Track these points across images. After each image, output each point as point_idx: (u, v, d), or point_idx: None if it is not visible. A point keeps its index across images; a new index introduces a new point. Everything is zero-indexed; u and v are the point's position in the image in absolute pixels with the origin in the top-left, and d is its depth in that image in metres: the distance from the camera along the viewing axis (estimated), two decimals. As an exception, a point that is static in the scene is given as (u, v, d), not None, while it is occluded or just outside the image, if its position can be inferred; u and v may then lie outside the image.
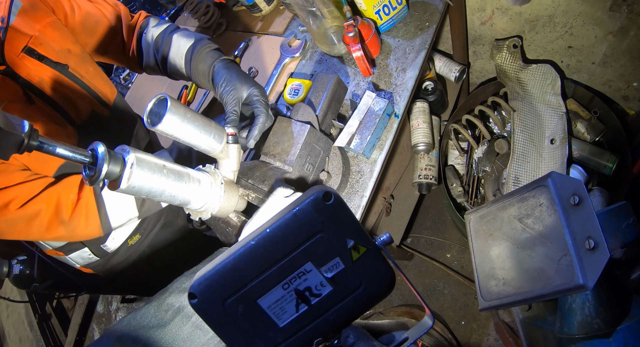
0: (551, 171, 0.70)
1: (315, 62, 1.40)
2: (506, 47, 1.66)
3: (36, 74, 1.05)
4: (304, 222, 0.48)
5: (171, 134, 0.81)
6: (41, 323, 3.36)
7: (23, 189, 0.99)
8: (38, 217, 1.00)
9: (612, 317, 0.72)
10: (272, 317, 0.50)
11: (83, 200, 1.04)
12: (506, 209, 0.74)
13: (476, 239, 0.79)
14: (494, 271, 0.73)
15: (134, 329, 0.68)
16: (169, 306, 0.72)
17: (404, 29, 1.33)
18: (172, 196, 0.79)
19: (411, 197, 1.82)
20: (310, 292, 0.50)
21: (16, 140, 0.62)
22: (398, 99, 1.20)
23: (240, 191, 0.95)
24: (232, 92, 0.97)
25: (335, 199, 0.48)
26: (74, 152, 0.68)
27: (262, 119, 0.98)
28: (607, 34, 1.48)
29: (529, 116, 1.62)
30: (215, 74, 1.02)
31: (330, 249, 0.49)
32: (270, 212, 0.84)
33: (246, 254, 0.48)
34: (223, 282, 0.49)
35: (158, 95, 0.80)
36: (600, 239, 0.63)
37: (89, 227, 1.06)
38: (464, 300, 1.94)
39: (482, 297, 0.73)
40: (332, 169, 1.10)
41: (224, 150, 0.90)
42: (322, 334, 0.51)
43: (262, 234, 0.48)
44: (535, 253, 0.67)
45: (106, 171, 0.68)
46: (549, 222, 0.67)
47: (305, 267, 0.49)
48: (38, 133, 0.65)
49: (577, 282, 0.59)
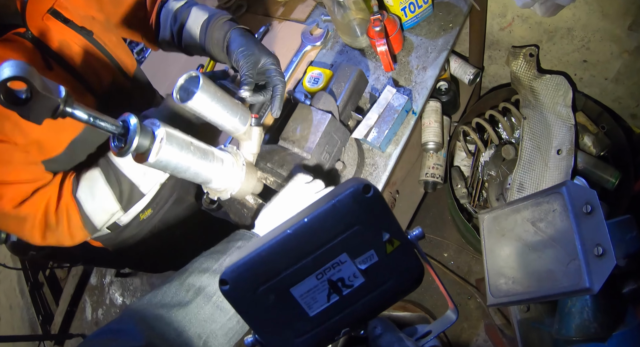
0: (567, 180, 0.72)
1: (336, 53, 1.41)
2: (522, 55, 1.68)
3: (58, 39, 1.03)
4: (343, 214, 0.48)
5: (199, 112, 0.82)
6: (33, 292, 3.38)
7: (18, 190, 0.97)
8: (28, 221, 0.99)
9: (608, 322, 0.75)
10: (303, 306, 0.50)
11: (63, 200, 1.01)
12: (520, 211, 0.77)
13: (488, 238, 0.81)
14: (504, 269, 0.76)
15: (155, 308, 0.68)
16: (189, 285, 0.72)
17: (427, 28, 1.34)
18: (196, 173, 0.80)
19: (416, 194, 1.85)
20: (342, 283, 0.50)
21: (52, 104, 0.61)
22: (417, 97, 1.22)
23: (258, 174, 0.97)
24: (249, 56, 0.96)
25: (374, 192, 0.48)
26: (106, 122, 0.68)
27: (280, 88, 0.97)
28: (623, 52, 1.50)
29: (538, 125, 1.64)
30: (231, 41, 1.01)
31: (366, 241, 0.49)
32: (289, 197, 0.85)
33: (282, 243, 0.48)
34: (257, 270, 0.48)
35: (189, 72, 0.80)
36: (609, 247, 0.65)
37: (72, 231, 1.03)
38: (457, 299, 1.98)
39: (491, 294, 0.76)
40: (348, 160, 1.12)
41: (247, 132, 0.92)
42: (350, 325, 0.52)
43: (299, 223, 0.48)
44: (545, 255, 0.70)
45: (137, 144, 0.68)
46: (561, 227, 0.70)
47: (340, 258, 0.49)
48: (73, 99, 0.65)
49: (583, 286, 0.62)
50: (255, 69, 0.96)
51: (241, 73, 0.96)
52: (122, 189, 1.05)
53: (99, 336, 0.64)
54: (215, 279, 0.74)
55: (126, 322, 0.65)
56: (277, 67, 0.99)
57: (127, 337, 0.62)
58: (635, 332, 0.74)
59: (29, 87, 0.58)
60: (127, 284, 3.00)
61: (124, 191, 1.06)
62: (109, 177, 1.03)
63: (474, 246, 1.84)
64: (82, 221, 1.04)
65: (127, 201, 1.08)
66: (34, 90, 0.58)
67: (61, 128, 1.02)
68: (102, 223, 1.09)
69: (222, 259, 0.77)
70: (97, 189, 1.03)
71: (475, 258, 2.02)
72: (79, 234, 1.06)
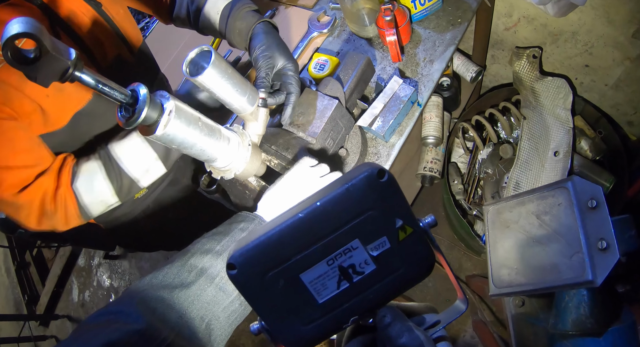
0: (573, 175, 0.73)
1: (343, 41, 1.40)
2: (526, 56, 1.69)
3: (67, 7, 1.02)
4: (357, 199, 0.46)
5: (208, 88, 0.81)
6: (19, 271, 3.34)
7: (19, 176, 0.96)
8: (25, 209, 0.98)
9: (605, 318, 0.76)
10: (313, 292, 0.48)
11: (61, 189, 1.00)
12: (525, 204, 0.77)
13: (492, 229, 0.82)
14: (507, 260, 0.77)
15: (156, 289, 0.67)
16: (192, 266, 0.71)
17: (435, 21, 1.34)
18: (202, 150, 0.79)
19: (412, 188, 1.86)
20: (353, 270, 0.48)
21: (62, 67, 0.60)
22: (422, 89, 1.22)
23: (262, 156, 0.96)
24: (269, 59, 0.96)
25: (388, 177, 0.46)
26: (115, 90, 0.66)
27: (294, 97, 0.98)
28: (625, 59, 1.51)
29: (537, 126, 1.66)
30: (254, 36, 1.01)
31: (378, 227, 0.48)
32: (294, 180, 0.84)
33: (294, 227, 0.46)
34: (266, 255, 0.46)
35: (201, 46, 0.79)
36: (612, 241, 0.66)
37: (68, 218, 1.03)
38: (446, 295, 2.00)
39: (493, 284, 0.76)
40: (351, 148, 1.12)
41: (254, 113, 0.91)
42: (359, 313, 0.51)
43: (311, 207, 0.46)
44: (549, 248, 0.71)
45: (145, 115, 0.67)
46: (566, 221, 0.70)
47: (352, 244, 0.47)
48: (83, 64, 0.63)
49: (586, 278, 0.63)
50: (272, 72, 0.96)
51: (257, 75, 0.96)
52: (122, 184, 1.04)
53: (98, 317, 0.62)
54: (217, 261, 0.73)
55: (126, 304, 0.64)
56: (295, 73, 0.99)
57: (127, 319, 0.61)
58: (629, 328, 0.75)
59: (39, 46, 0.56)
60: (116, 266, 2.98)
61: (123, 186, 1.05)
62: (109, 171, 1.02)
63: (466, 243, 1.85)
64: (79, 211, 1.03)
65: (126, 194, 1.07)
66: (43, 50, 0.56)
67: (66, 99, 1.01)
68: (98, 213, 1.08)
69: (224, 241, 0.76)
70: (95, 183, 1.02)
71: (467, 255, 2.03)
72: (74, 222, 1.05)
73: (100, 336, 0.57)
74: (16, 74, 0.91)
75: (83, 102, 1.04)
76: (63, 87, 0.98)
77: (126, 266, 2.94)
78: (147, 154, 1.03)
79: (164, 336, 0.61)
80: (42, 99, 0.96)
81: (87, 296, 3.06)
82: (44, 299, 3.15)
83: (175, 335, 0.63)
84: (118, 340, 0.57)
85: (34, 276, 3.33)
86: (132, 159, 1.03)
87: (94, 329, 0.60)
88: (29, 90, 0.93)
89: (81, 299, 3.08)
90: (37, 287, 3.30)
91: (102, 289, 2.98)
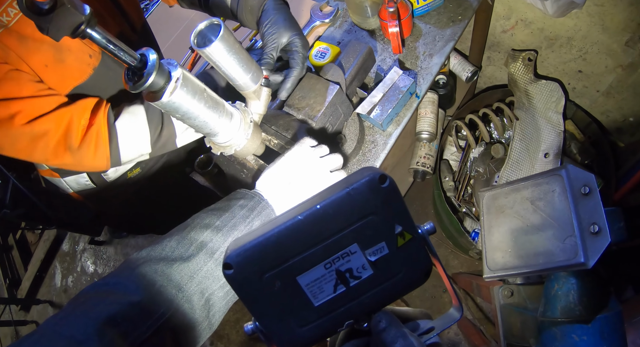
0: (567, 163, 0.74)
1: (344, 31, 1.42)
2: (521, 59, 1.73)
3: None
4: (357, 203, 0.46)
5: (214, 61, 0.81)
6: (1, 254, 3.26)
7: (33, 104, 0.92)
8: (44, 138, 0.94)
9: (593, 306, 0.78)
10: (309, 295, 0.48)
11: (95, 127, 0.97)
12: (520, 191, 0.79)
13: (487, 214, 0.84)
14: (501, 244, 0.78)
15: (155, 262, 0.66)
16: (191, 239, 0.70)
17: (436, 17, 1.36)
18: (205, 122, 0.79)
19: (404, 183, 1.88)
20: (350, 274, 0.49)
21: (75, 21, 0.59)
22: (421, 82, 1.24)
23: (262, 136, 0.97)
24: (274, 35, 0.96)
25: (390, 182, 0.47)
26: (125, 52, 0.66)
27: (296, 72, 0.98)
28: (617, 67, 1.55)
29: (529, 127, 1.69)
30: (264, 12, 1.00)
31: (378, 232, 0.48)
32: (294, 159, 0.84)
33: (292, 229, 0.46)
34: (264, 256, 0.46)
35: (211, 19, 0.80)
36: (604, 226, 0.68)
37: (97, 158, 1.00)
38: (432, 292, 2.02)
39: (487, 267, 0.78)
40: (349, 135, 1.13)
41: (256, 91, 0.92)
42: (355, 317, 0.51)
43: (311, 209, 0.46)
44: (543, 232, 0.73)
45: (152, 80, 0.67)
46: (559, 206, 0.72)
47: (350, 249, 0.48)
48: (96, 21, 0.62)
49: (579, 260, 0.65)
50: (277, 50, 0.97)
51: (263, 52, 0.96)
52: (162, 134, 1.02)
53: (96, 287, 0.62)
54: (217, 236, 0.72)
55: (125, 276, 0.63)
56: (301, 48, 0.98)
57: (125, 290, 0.60)
58: (617, 316, 0.77)
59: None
60: (101, 252, 2.92)
61: (162, 136, 1.02)
62: (153, 117, 0.99)
63: (454, 240, 1.88)
64: (111, 151, 1.00)
65: (161, 147, 1.05)
66: (59, 1, 0.55)
67: (66, 72, 0.99)
68: (127, 159, 1.05)
69: (224, 216, 0.75)
70: (136, 125, 0.99)
71: (454, 253, 2.06)
72: (101, 163, 1.01)
73: (99, 307, 0.57)
74: (17, 40, 0.90)
75: (84, 76, 1.02)
76: (64, 59, 0.97)
77: (111, 252, 2.89)
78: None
79: (162, 310, 0.61)
80: (40, 68, 0.94)
81: (70, 281, 3.00)
82: (25, 284, 3.09)
83: (175, 309, 0.62)
84: (117, 313, 0.56)
85: (17, 260, 3.26)
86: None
87: (93, 298, 0.59)
88: (28, 57, 0.92)
89: (64, 285, 3.03)
90: (19, 271, 3.23)
91: (86, 274, 2.93)
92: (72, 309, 0.57)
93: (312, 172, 0.84)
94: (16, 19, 0.89)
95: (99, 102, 1.00)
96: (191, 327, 0.65)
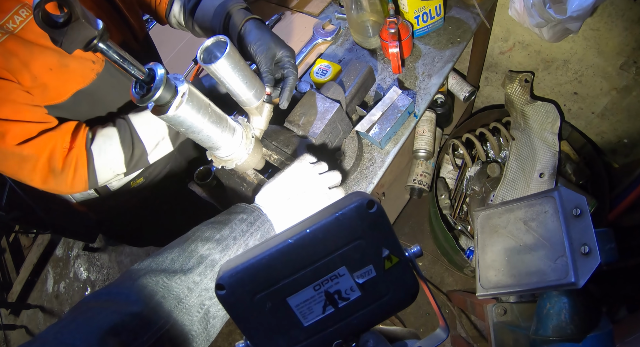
0: (559, 185, 0.77)
1: (346, 50, 1.45)
2: (518, 80, 1.76)
3: None
4: (345, 227, 0.48)
5: (219, 77, 0.83)
6: (-7, 257, 3.26)
7: (22, 128, 0.95)
8: (30, 162, 0.97)
9: (584, 325, 0.80)
10: (299, 315, 0.50)
11: (74, 151, 1.01)
12: (513, 211, 0.81)
13: (481, 233, 0.85)
14: (495, 262, 0.80)
15: (156, 273, 0.67)
16: (192, 252, 0.71)
17: (436, 38, 1.39)
18: (208, 137, 0.81)
19: (400, 200, 1.89)
20: (339, 296, 0.50)
21: (88, 35, 0.61)
22: (419, 101, 1.26)
23: (263, 151, 0.98)
24: (266, 51, 0.98)
25: (377, 208, 0.49)
26: (134, 67, 0.68)
27: (292, 81, 1.00)
28: (612, 89, 1.58)
29: (525, 147, 1.72)
30: (247, 33, 1.03)
31: (365, 256, 0.50)
32: (294, 175, 0.86)
33: (283, 252, 0.48)
34: (255, 277, 0.48)
35: (218, 36, 0.82)
36: (594, 247, 0.70)
37: (75, 181, 1.03)
38: (427, 308, 2.02)
39: (481, 285, 0.79)
40: (347, 152, 1.15)
41: (259, 107, 0.94)
42: (343, 337, 0.52)
43: (301, 233, 0.48)
44: (535, 252, 0.74)
45: (159, 95, 0.69)
46: (551, 227, 0.74)
47: (338, 271, 0.49)
48: (109, 35, 0.64)
49: (569, 280, 0.66)
50: (273, 63, 0.99)
51: (261, 69, 0.98)
52: (133, 154, 1.06)
53: (97, 296, 0.63)
54: (217, 249, 0.73)
55: (126, 287, 0.64)
56: (292, 59, 1.01)
57: (126, 300, 0.61)
58: (607, 335, 0.79)
59: (70, 11, 0.58)
60: (94, 259, 2.92)
61: (134, 156, 1.07)
62: (125, 138, 1.04)
63: (449, 258, 1.89)
64: (88, 174, 1.04)
65: (134, 166, 1.09)
66: (74, 16, 0.57)
67: (69, 76, 1.01)
68: (104, 181, 1.09)
69: (224, 230, 0.76)
70: (110, 148, 1.04)
71: (449, 270, 2.07)
72: (80, 186, 1.05)
73: (101, 317, 0.57)
74: (22, 46, 0.92)
75: (86, 81, 1.04)
76: (67, 63, 0.99)
77: (105, 259, 2.88)
78: (160, 128, 1.07)
79: (162, 322, 0.61)
80: (44, 72, 0.97)
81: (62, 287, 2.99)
82: (17, 288, 3.07)
83: (174, 321, 0.63)
84: (118, 323, 0.57)
85: (9, 263, 3.24)
86: (146, 131, 1.05)
87: (95, 308, 0.60)
88: (32, 62, 0.94)
89: (56, 290, 3.01)
90: (10, 274, 3.22)
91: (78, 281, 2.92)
92: (73, 317, 0.58)
93: (311, 189, 0.86)
94: (22, 26, 0.91)
95: (78, 125, 1.04)
96: (190, 339, 0.65)
